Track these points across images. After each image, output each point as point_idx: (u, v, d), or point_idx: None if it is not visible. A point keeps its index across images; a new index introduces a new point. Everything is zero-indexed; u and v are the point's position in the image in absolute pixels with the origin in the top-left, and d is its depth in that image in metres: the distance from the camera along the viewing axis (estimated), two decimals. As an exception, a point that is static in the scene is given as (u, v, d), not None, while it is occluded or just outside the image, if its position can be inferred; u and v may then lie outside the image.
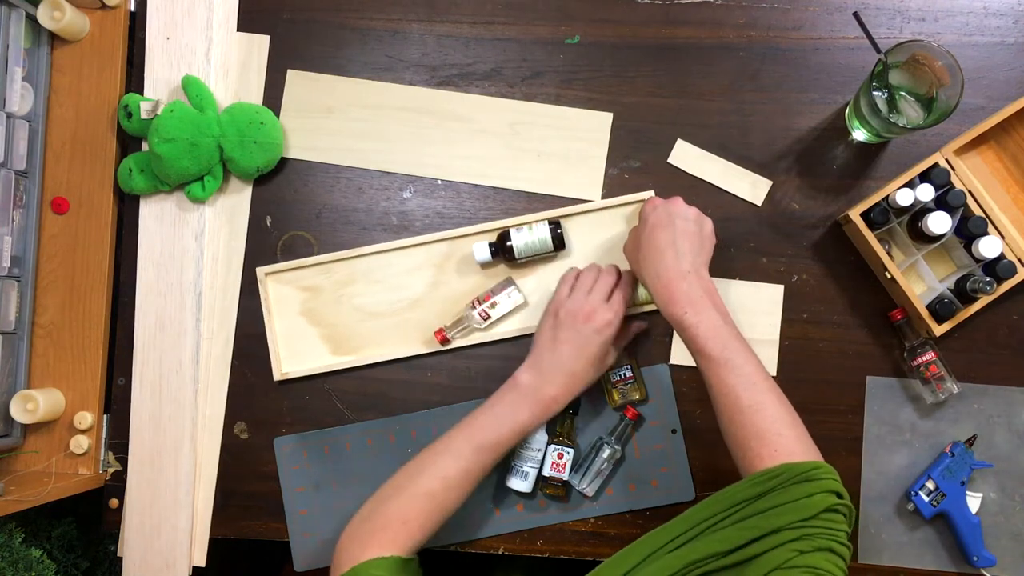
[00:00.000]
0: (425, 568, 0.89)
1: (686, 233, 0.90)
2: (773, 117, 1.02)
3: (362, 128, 1.05)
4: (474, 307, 0.99)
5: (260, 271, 1.03)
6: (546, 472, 0.98)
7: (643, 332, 1.01)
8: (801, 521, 0.73)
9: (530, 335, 1.01)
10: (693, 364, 1.00)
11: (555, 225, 0.99)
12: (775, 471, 0.76)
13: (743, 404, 0.81)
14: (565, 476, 0.97)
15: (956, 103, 0.88)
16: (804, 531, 0.72)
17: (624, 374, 0.98)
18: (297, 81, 1.06)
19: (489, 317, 0.99)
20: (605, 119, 1.03)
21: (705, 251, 0.92)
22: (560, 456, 0.97)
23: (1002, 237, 0.94)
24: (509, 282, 1.01)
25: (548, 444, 0.98)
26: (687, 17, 1.03)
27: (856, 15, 0.93)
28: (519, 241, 0.98)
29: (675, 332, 1.01)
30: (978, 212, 0.95)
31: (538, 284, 1.02)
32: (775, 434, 0.79)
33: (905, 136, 1.00)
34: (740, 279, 1.01)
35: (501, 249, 0.99)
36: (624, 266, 0.99)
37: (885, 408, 1.00)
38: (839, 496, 0.75)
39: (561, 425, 0.99)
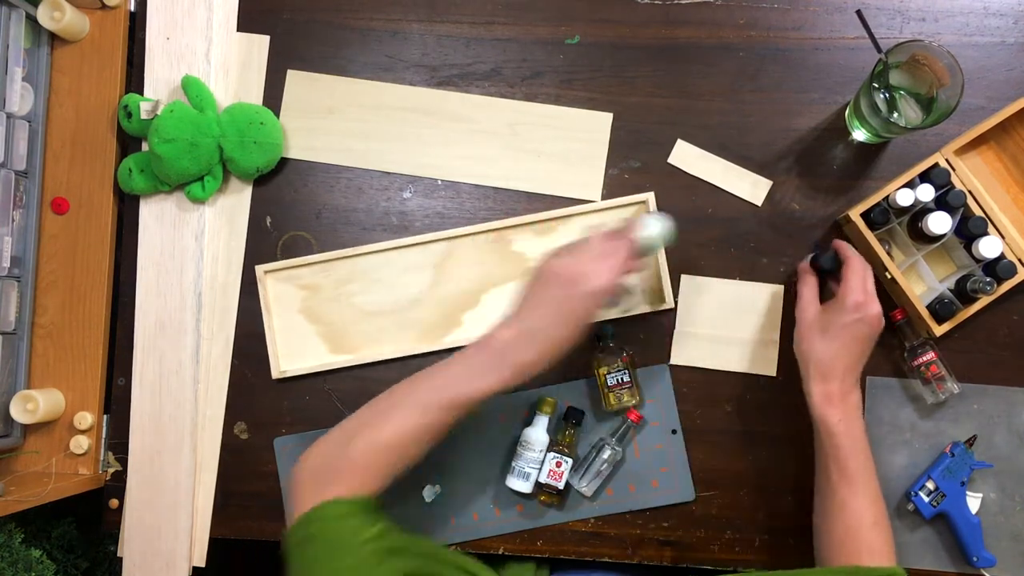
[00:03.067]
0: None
1: (867, 349, 0.90)
2: (773, 117, 1.02)
3: (362, 128, 1.05)
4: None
5: (259, 269, 1.03)
6: (542, 479, 0.97)
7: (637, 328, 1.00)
8: None
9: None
10: (693, 364, 1.01)
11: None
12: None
13: (866, 522, 0.85)
14: (560, 485, 0.97)
15: (956, 103, 0.88)
16: None
17: (621, 379, 0.98)
18: (297, 81, 1.06)
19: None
20: (605, 119, 1.03)
21: (863, 363, 0.91)
22: (559, 464, 0.97)
23: (1002, 237, 0.94)
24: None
25: (548, 450, 0.98)
26: (687, 17, 1.03)
27: (859, 13, 0.93)
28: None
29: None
30: (978, 212, 0.95)
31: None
32: (889, 554, 0.86)
33: (905, 136, 1.00)
34: (740, 279, 1.01)
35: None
36: None
37: (885, 408, 1.00)
38: None
39: (563, 434, 0.99)
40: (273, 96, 1.06)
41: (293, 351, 1.04)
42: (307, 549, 0.76)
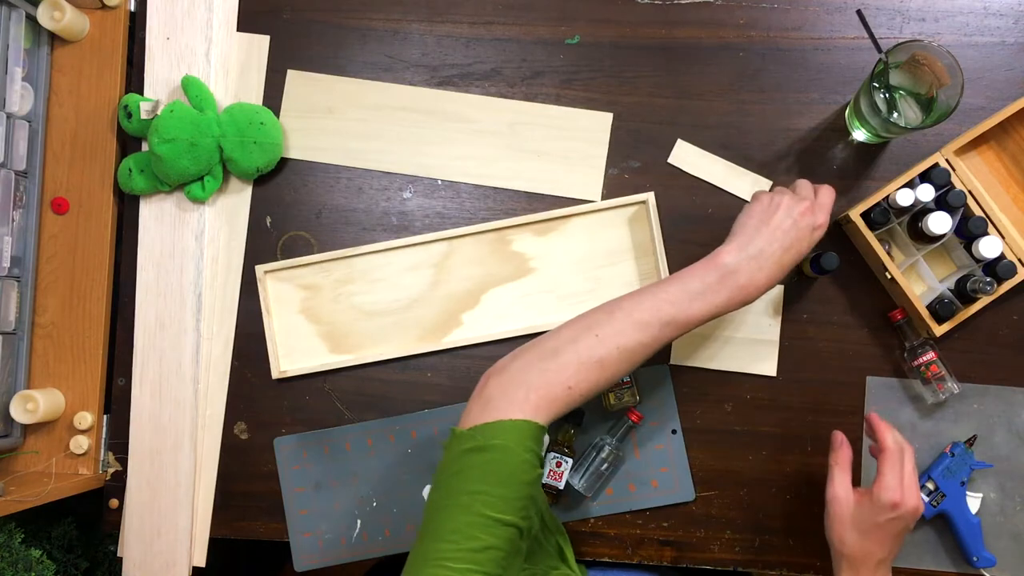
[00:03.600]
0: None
1: (908, 531, 0.85)
2: (773, 117, 1.02)
3: (362, 128, 1.05)
4: None
5: (259, 269, 1.04)
6: (542, 479, 0.97)
7: None
8: None
9: (530, 335, 1.01)
10: (693, 364, 1.01)
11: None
12: None
13: None
14: (560, 485, 0.97)
15: (956, 103, 0.88)
16: None
17: (621, 378, 0.98)
18: (297, 81, 1.06)
19: None
20: (605, 119, 1.03)
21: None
22: (559, 464, 0.97)
23: (1002, 237, 0.94)
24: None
25: (548, 450, 0.98)
26: (687, 17, 1.03)
27: (859, 13, 0.93)
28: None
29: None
30: (978, 212, 0.95)
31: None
32: None
33: (905, 136, 1.00)
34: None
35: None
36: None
37: (885, 408, 1.00)
38: None
39: (563, 433, 0.99)
40: (273, 96, 1.06)
41: (293, 351, 1.04)
42: (476, 458, 0.74)
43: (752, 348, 1.00)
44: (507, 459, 0.73)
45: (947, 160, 0.95)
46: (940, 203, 0.94)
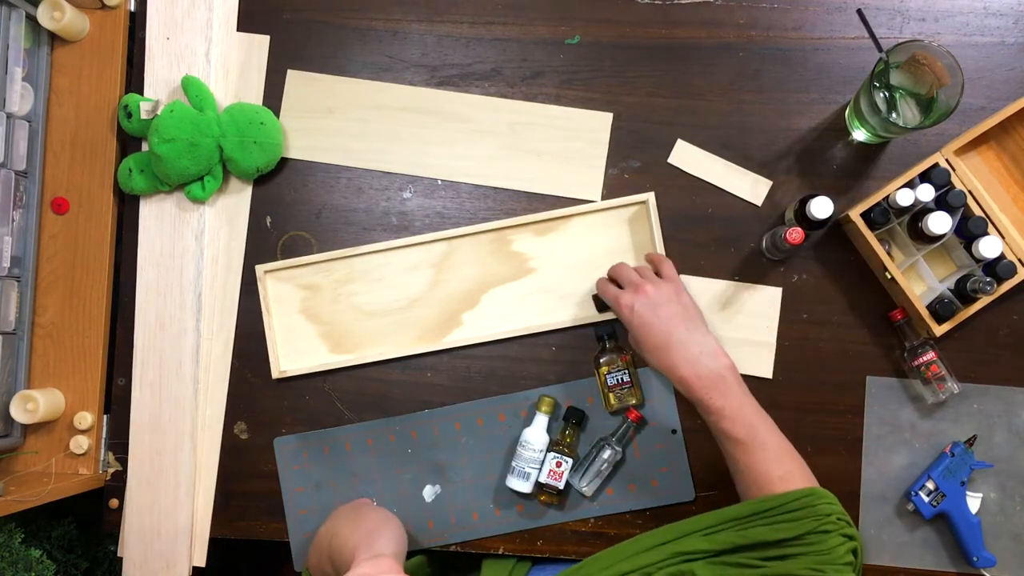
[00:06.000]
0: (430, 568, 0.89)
1: (672, 318, 0.90)
2: (773, 117, 1.02)
3: (362, 128, 1.05)
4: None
5: (259, 269, 1.04)
6: (543, 479, 0.97)
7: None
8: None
9: (529, 335, 1.01)
10: (693, 364, 1.00)
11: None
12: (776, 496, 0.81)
13: (774, 476, 0.83)
14: (560, 485, 0.97)
15: (956, 103, 0.88)
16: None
17: (622, 379, 0.98)
18: (297, 81, 1.06)
19: None
20: (605, 119, 1.03)
21: (694, 320, 0.92)
22: (559, 464, 0.97)
23: (1002, 237, 0.94)
24: None
25: (548, 450, 0.98)
26: (687, 17, 1.03)
27: (860, 12, 0.93)
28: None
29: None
30: (978, 212, 0.95)
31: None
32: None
33: (905, 136, 1.00)
34: (740, 279, 1.01)
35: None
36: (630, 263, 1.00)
37: (885, 408, 1.00)
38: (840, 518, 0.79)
39: (563, 434, 0.99)
40: (273, 96, 1.06)
41: (293, 351, 1.04)
42: None
43: (749, 349, 1.00)
44: None
45: (947, 160, 0.95)
46: (940, 203, 0.94)
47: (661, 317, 0.90)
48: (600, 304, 1.00)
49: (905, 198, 0.91)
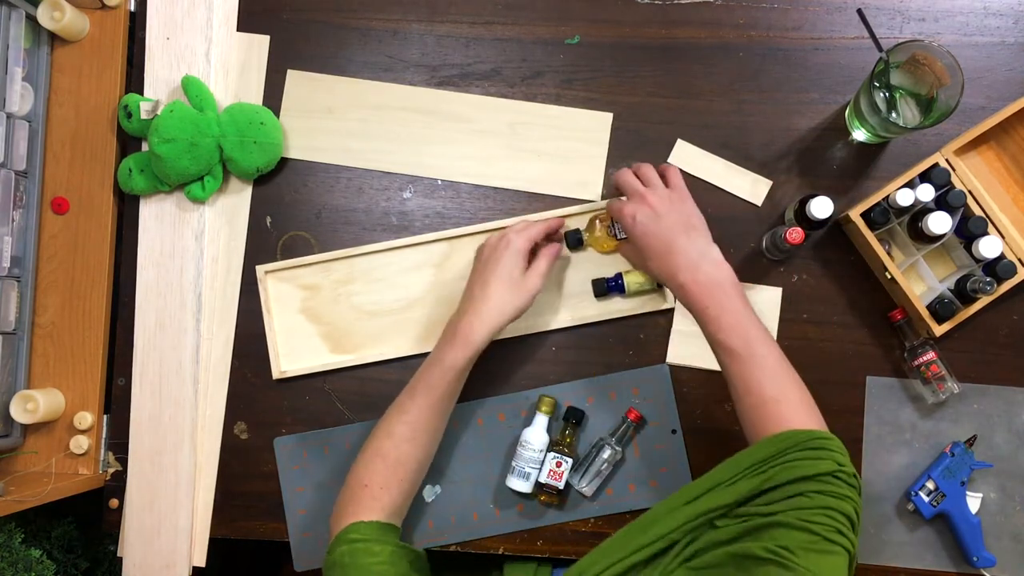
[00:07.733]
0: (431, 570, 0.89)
1: (675, 227, 0.89)
2: (773, 117, 1.02)
3: (362, 128, 1.05)
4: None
5: (260, 269, 1.04)
6: (542, 479, 0.97)
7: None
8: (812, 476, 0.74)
9: (529, 335, 1.01)
10: (693, 364, 1.01)
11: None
12: (786, 435, 0.77)
13: (767, 396, 0.81)
14: (560, 485, 0.97)
15: (956, 103, 0.88)
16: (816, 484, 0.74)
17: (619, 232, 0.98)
18: (297, 81, 1.06)
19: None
20: (605, 119, 1.03)
21: (697, 228, 0.90)
22: (559, 464, 0.97)
23: (1002, 237, 0.94)
24: None
25: (548, 450, 0.98)
26: (687, 17, 1.03)
27: (860, 12, 0.93)
28: None
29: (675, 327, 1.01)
30: (978, 212, 0.95)
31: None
32: (799, 423, 0.79)
33: (905, 136, 1.00)
34: (740, 279, 1.01)
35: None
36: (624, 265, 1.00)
37: (885, 408, 1.00)
38: (840, 465, 0.76)
39: (563, 434, 0.99)
40: (273, 96, 1.06)
41: (293, 351, 1.04)
42: (333, 573, 0.85)
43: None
44: (351, 558, 0.85)
45: (947, 160, 0.95)
46: (940, 203, 0.94)
47: (663, 226, 0.89)
48: (598, 288, 1.00)
49: (905, 198, 0.91)
